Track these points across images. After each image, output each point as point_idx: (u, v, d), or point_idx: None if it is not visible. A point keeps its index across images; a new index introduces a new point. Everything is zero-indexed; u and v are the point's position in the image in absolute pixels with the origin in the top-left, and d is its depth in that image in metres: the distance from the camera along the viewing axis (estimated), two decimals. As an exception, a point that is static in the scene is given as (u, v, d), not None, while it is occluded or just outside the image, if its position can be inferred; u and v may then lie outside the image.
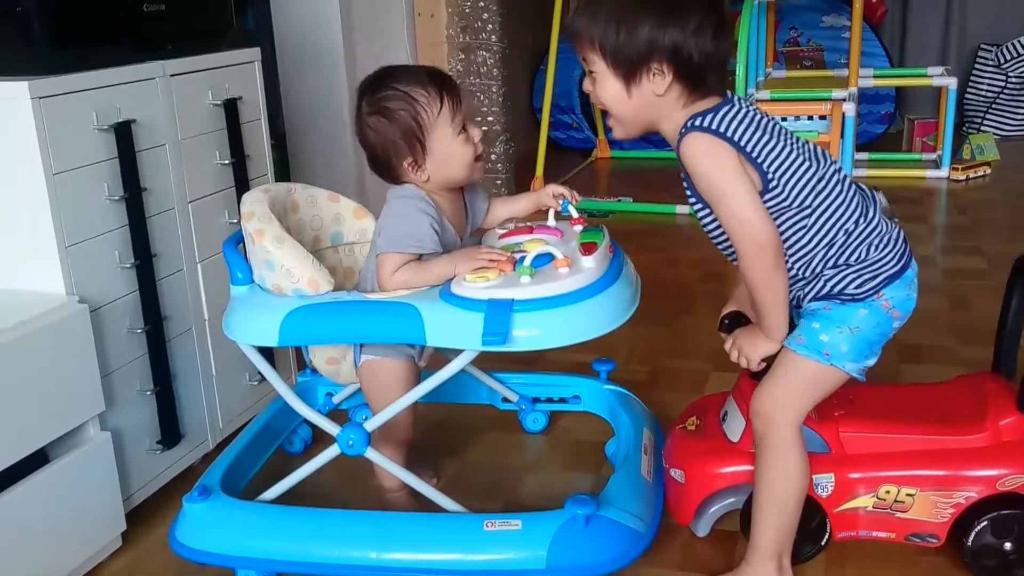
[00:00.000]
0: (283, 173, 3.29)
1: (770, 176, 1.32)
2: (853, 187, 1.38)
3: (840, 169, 1.39)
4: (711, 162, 1.31)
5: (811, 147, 1.38)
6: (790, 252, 1.36)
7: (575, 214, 1.59)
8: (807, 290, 1.38)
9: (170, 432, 1.76)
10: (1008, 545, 1.41)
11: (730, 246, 1.37)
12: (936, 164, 4.23)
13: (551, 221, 1.60)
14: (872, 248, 1.35)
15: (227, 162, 1.90)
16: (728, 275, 3.12)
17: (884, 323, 1.37)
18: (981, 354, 2.19)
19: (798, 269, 1.37)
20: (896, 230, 1.39)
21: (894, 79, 4.41)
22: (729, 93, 1.37)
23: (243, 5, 3.24)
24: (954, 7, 5.20)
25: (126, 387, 1.66)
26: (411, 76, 1.53)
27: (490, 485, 1.82)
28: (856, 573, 1.49)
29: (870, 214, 1.38)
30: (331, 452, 1.55)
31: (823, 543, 1.49)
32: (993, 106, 5.03)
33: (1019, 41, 4.94)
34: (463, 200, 1.63)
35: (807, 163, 1.35)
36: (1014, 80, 4.96)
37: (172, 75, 1.74)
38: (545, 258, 1.41)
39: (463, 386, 1.98)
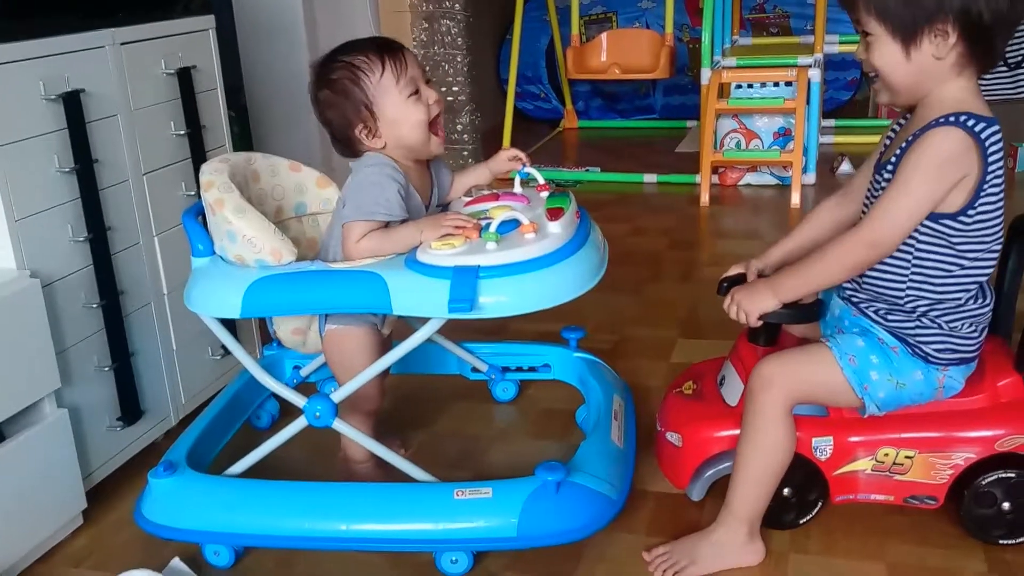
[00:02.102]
0: (245, 145, 3.24)
1: (972, 211, 1.28)
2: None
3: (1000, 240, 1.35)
4: (946, 161, 1.25)
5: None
6: (922, 286, 1.33)
7: (541, 180, 1.58)
8: (893, 320, 1.36)
9: (130, 408, 1.73)
10: (1006, 505, 1.42)
11: (864, 212, 1.34)
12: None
13: (517, 188, 1.59)
14: (968, 325, 1.35)
15: (182, 132, 1.86)
16: (696, 243, 3.13)
17: (927, 394, 1.38)
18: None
19: (907, 301, 1.34)
20: (988, 322, 1.38)
21: (860, 45, 4.41)
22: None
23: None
24: (919, -27, 5.20)
25: (83, 363, 1.63)
26: (354, 47, 1.52)
27: (459, 455, 1.81)
28: (844, 536, 1.50)
29: (987, 298, 1.37)
30: (298, 424, 1.53)
31: (815, 512, 1.50)
32: (958, 72, 5.05)
33: (983, 6, 4.96)
34: (429, 173, 1.61)
35: (1002, 216, 1.31)
36: (978, 46, 4.99)
37: (123, 43, 1.70)
38: (511, 224, 1.40)
39: (432, 357, 1.97)
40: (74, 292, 1.60)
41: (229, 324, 1.53)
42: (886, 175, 1.33)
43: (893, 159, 1.32)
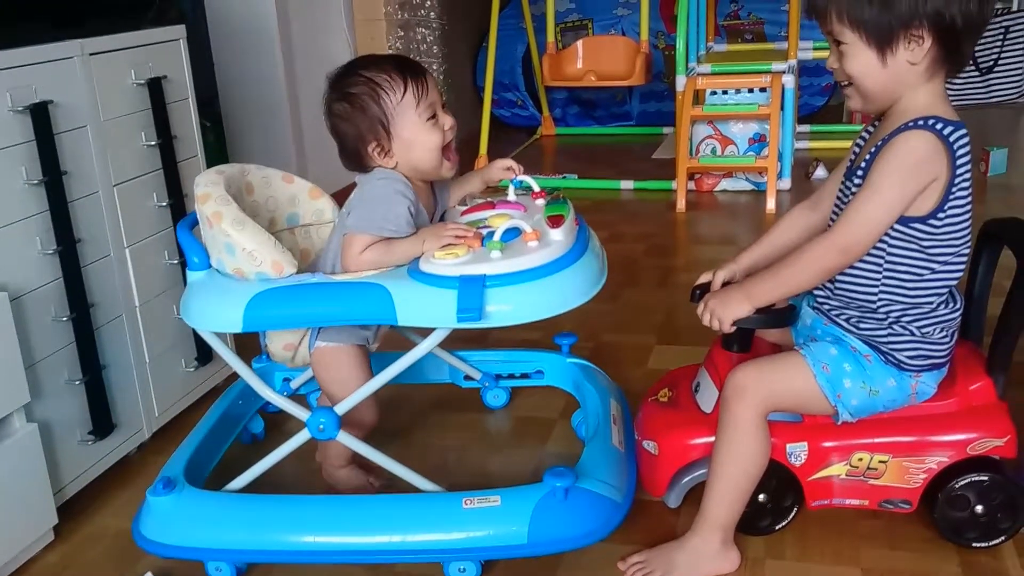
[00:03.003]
0: (220, 154, 3.23)
1: (942, 214, 1.29)
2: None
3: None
4: (915, 165, 1.26)
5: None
6: (894, 291, 1.34)
7: (536, 187, 1.58)
8: (865, 328, 1.37)
9: (102, 422, 1.71)
10: (979, 508, 1.43)
11: (833, 218, 1.34)
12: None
13: (511, 196, 1.59)
14: (940, 331, 1.36)
15: (153, 143, 1.84)
16: (672, 248, 3.14)
17: (900, 400, 1.39)
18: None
19: (880, 307, 1.35)
20: (958, 327, 1.39)
21: (833, 51, 4.44)
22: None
23: (171, -17, 3.16)
24: (891, -21, 5.26)
25: (53, 377, 1.61)
26: (376, 63, 1.51)
27: (453, 464, 1.80)
28: (818, 541, 1.50)
29: (957, 303, 1.38)
30: (301, 437, 1.52)
31: (791, 517, 1.50)
32: (930, 77, 5.10)
33: (954, 12, 5.01)
34: (433, 191, 1.61)
35: (967, 234, 1.33)
36: (950, 51, 5.04)
37: (91, 54, 1.68)
38: (513, 232, 1.39)
39: (425, 366, 1.96)
40: (43, 305, 1.59)
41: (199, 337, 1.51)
42: (856, 181, 1.34)
43: (863, 165, 1.33)
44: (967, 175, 1.29)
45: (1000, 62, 5.06)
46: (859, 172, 1.33)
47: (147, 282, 1.84)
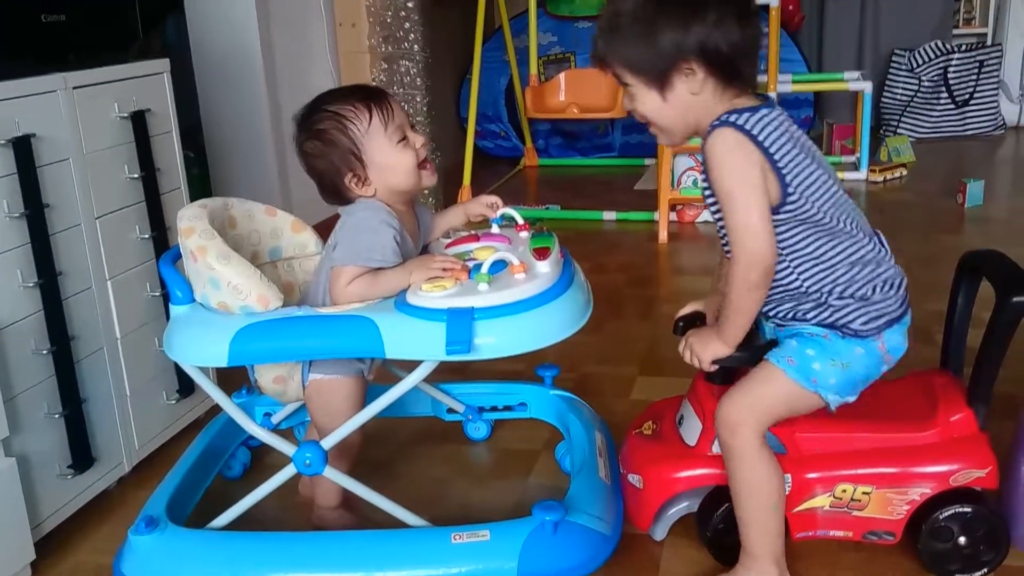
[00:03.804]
0: (203, 185, 3.22)
1: (791, 189, 1.30)
2: (869, 227, 1.39)
3: (858, 209, 1.39)
4: (732, 161, 1.29)
5: (835, 176, 1.37)
6: (807, 265, 1.35)
7: (520, 220, 1.59)
8: (811, 315, 1.38)
9: (81, 456, 1.69)
10: (963, 540, 1.43)
11: (729, 247, 1.36)
12: (855, 166, 4.34)
13: (495, 228, 1.60)
14: (878, 288, 1.37)
15: (136, 176, 1.84)
16: (654, 279, 3.15)
17: (875, 366, 1.39)
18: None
19: (808, 286, 1.36)
20: (901, 275, 1.40)
21: (812, 84, 4.51)
22: (773, 96, 1.35)
23: (155, 16, 3.17)
24: (868, 14, 5.35)
25: (32, 410, 1.60)
26: (338, 96, 1.52)
27: (436, 497, 1.78)
28: (803, 573, 1.49)
29: (885, 255, 1.39)
30: (286, 473, 1.50)
31: None
32: (908, 109, 5.18)
33: (930, 46, 5.10)
34: (416, 219, 1.61)
35: (833, 185, 1.34)
36: (927, 84, 5.12)
37: (75, 87, 1.69)
38: (500, 265, 1.40)
39: (407, 399, 1.91)
40: (23, 338, 1.58)
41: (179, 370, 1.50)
42: (709, 199, 1.37)
43: (705, 186, 1.37)
44: (788, 146, 1.30)
45: (976, 95, 5.15)
46: (706, 193, 1.37)
47: (129, 314, 1.83)
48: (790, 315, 1.40)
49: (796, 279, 1.37)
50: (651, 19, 1.29)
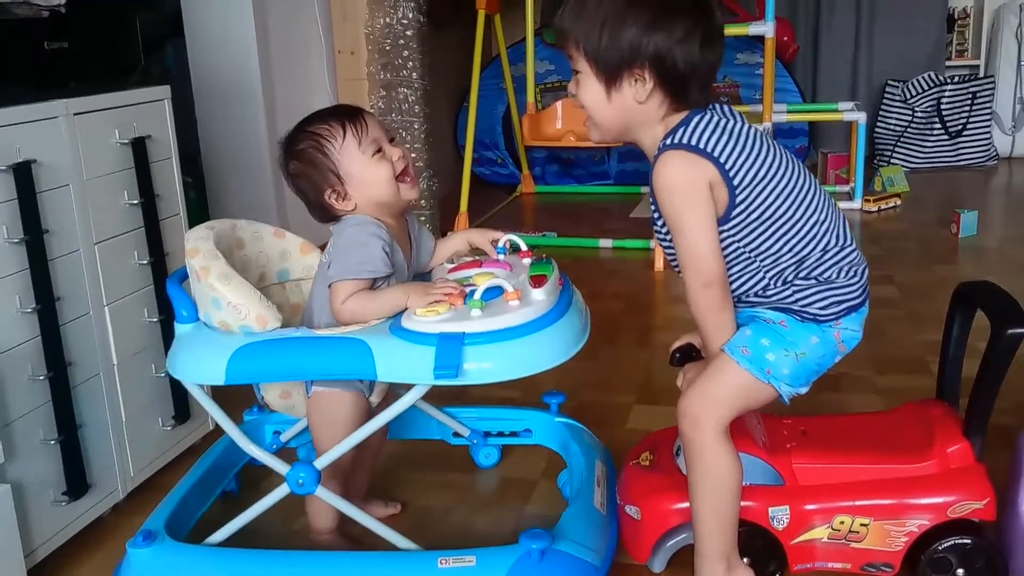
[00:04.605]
0: (201, 210, 3.23)
1: (739, 191, 1.31)
2: (835, 210, 1.39)
3: (822, 190, 1.39)
4: (679, 187, 1.30)
5: (796, 161, 1.37)
6: (761, 260, 1.36)
7: (524, 247, 1.60)
8: (771, 292, 1.37)
9: (76, 482, 1.69)
10: (961, 572, 1.43)
11: (679, 270, 1.37)
12: (849, 196, 4.36)
13: (500, 255, 1.62)
14: (843, 272, 1.36)
15: (136, 202, 1.85)
16: (651, 307, 3.16)
17: (829, 355, 1.39)
18: (897, 382, 2.26)
19: (768, 277, 1.36)
20: (864, 263, 1.40)
21: (807, 114, 4.55)
22: (719, 105, 1.34)
23: (156, 43, 3.19)
24: (862, 45, 5.40)
25: (28, 437, 1.59)
26: (316, 117, 1.56)
27: (439, 521, 1.78)
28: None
29: (847, 240, 1.39)
30: (280, 492, 1.51)
31: None
32: (901, 139, 5.22)
33: (923, 77, 5.15)
34: (407, 230, 1.64)
35: (786, 172, 1.34)
36: (920, 114, 5.16)
37: (76, 114, 1.69)
38: (495, 291, 1.41)
39: (413, 421, 1.96)
40: (20, 364, 1.57)
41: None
42: (657, 223, 1.39)
43: (653, 207, 1.37)
44: (734, 146, 1.30)
45: (968, 126, 5.19)
46: (655, 216, 1.38)
47: (126, 340, 1.83)
48: (751, 292, 1.39)
49: (763, 275, 1.37)
50: (620, 13, 1.28)
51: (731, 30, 4.05)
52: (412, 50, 3.73)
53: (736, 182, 1.31)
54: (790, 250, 1.35)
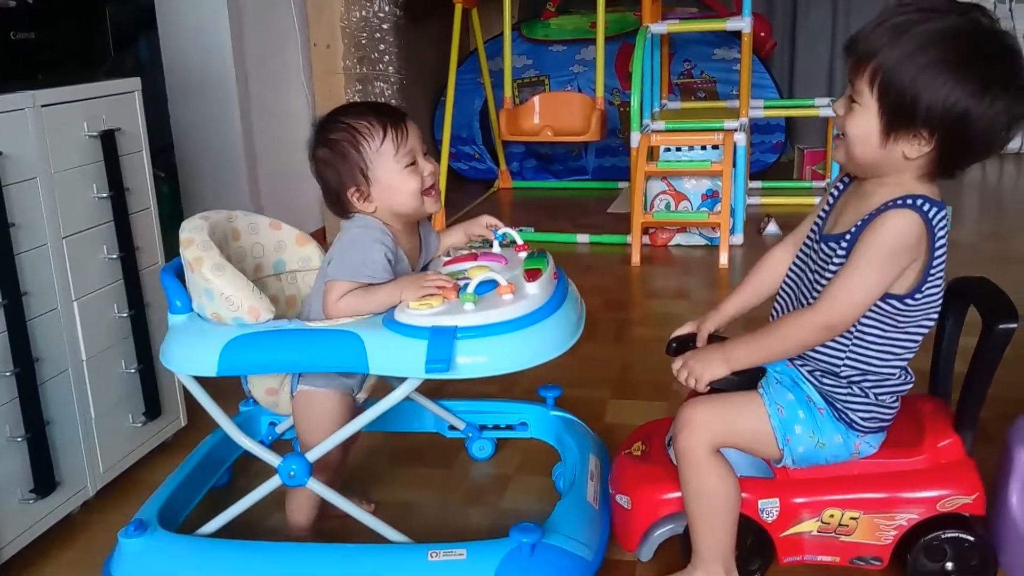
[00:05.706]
0: (174, 204, 3.20)
1: (919, 296, 1.30)
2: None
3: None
4: (895, 243, 1.25)
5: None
6: (856, 353, 1.35)
7: (519, 241, 1.60)
8: (825, 381, 1.38)
9: (44, 480, 1.66)
10: (949, 565, 1.43)
11: (818, 290, 1.34)
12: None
13: (496, 248, 1.61)
14: (893, 397, 1.38)
15: (105, 195, 1.82)
16: (628, 302, 3.16)
17: (842, 456, 1.41)
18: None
19: (844, 369, 1.36)
20: (903, 393, 1.41)
21: (783, 110, 4.56)
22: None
23: (128, 35, 3.16)
24: (839, 42, 5.42)
25: (-6, 434, 1.57)
26: (358, 110, 1.53)
27: (432, 514, 1.78)
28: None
29: (910, 375, 1.40)
30: (271, 483, 1.51)
31: (763, 573, 1.50)
32: (877, 135, 5.24)
33: (899, 74, 5.17)
34: (419, 236, 1.62)
35: (938, 308, 1.33)
36: (895, 111, 5.19)
37: (43, 106, 1.66)
38: (489, 285, 1.40)
39: (409, 414, 1.96)
40: (-14, 360, 1.55)
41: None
42: (839, 251, 1.32)
43: (848, 236, 1.31)
44: (944, 255, 1.30)
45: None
46: (843, 242, 1.32)
47: (95, 336, 1.80)
48: (807, 369, 1.40)
49: (840, 363, 1.36)
50: (947, 67, 1.18)
51: (708, 25, 4.07)
52: (388, 43, 3.71)
53: (925, 288, 1.30)
54: (886, 364, 1.35)
